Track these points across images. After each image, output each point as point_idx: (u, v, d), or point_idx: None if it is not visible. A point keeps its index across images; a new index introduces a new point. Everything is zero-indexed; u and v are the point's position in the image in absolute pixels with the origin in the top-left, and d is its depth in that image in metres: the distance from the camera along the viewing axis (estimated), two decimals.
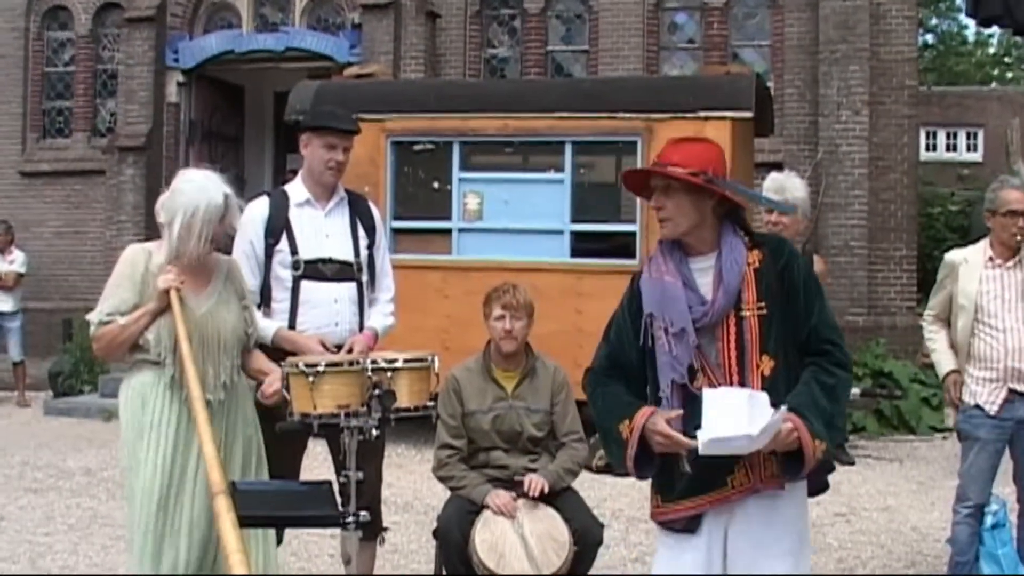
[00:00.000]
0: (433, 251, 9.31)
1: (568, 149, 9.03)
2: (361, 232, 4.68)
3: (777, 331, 3.13)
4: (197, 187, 3.95)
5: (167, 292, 3.89)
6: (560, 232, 9.01)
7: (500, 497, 4.59)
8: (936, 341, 5.25)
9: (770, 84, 12.29)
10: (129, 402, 3.99)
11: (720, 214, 3.19)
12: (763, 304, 3.12)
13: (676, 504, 3.19)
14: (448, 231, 9.30)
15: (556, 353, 5.10)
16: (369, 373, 3.80)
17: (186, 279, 3.96)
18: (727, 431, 2.92)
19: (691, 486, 3.15)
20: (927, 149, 25.81)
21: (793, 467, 3.07)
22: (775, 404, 3.00)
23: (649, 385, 3.23)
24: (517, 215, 9.10)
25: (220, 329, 4.02)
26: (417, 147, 9.46)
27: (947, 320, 5.23)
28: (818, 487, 3.27)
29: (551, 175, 9.12)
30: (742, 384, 3.09)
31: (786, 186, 5.18)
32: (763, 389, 3.07)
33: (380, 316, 4.71)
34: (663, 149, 3.20)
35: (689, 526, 3.18)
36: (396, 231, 9.30)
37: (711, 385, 3.09)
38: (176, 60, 13.97)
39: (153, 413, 3.94)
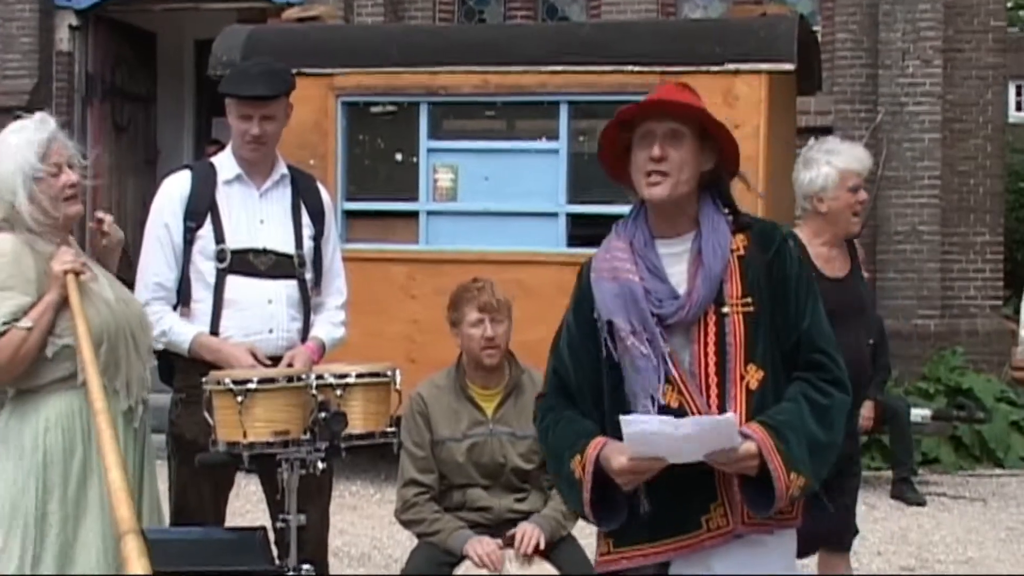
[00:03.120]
0: (396, 240, 9.35)
1: (564, 112, 9.07)
2: (305, 218, 4.72)
3: (766, 335, 3.15)
4: (22, 141, 3.92)
5: (66, 277, 3.82)
6: (554, 215, 9.06)
7: (483, 545, 4.64)
8: None
9: (817, 28, 12.31)
10: (40, 438, 3.85)
11: (703, 183, 3.23)
12: (749, 300, 3.14)
13: (631, 549, 3.15)
14: (414, 215, 9.34)
15: (544, 363, 5.16)
16: (313, 391, 3.86)
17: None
18: (652, 425, 2.97)
19: (654, 528, 3.11)
20: (1017, 108, 25.92)
21: (760, 502, 3.05)
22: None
23: (610, 410, 3.18)
24: (500, 194, 9.15)
25: (135, 320, 4.02)
26: (375, 109, 9.50)
27: None
28: (816, 539, 3.28)
29: (543, 144, 9.17)
30: (722, 401, 3.10)
31: (865, 155, 5.25)
32: (750, 407, 3.08)
33: (327, 325, 4.75)
34: (655, 91, 3.23)
35: None
36: (349, 215, 9.34)
37: (682, 400, 3.09)
38: None
39: (85, 453, 3.85)
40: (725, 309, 3.13)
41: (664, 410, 3.07)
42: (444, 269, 8.67)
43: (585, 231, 9.01)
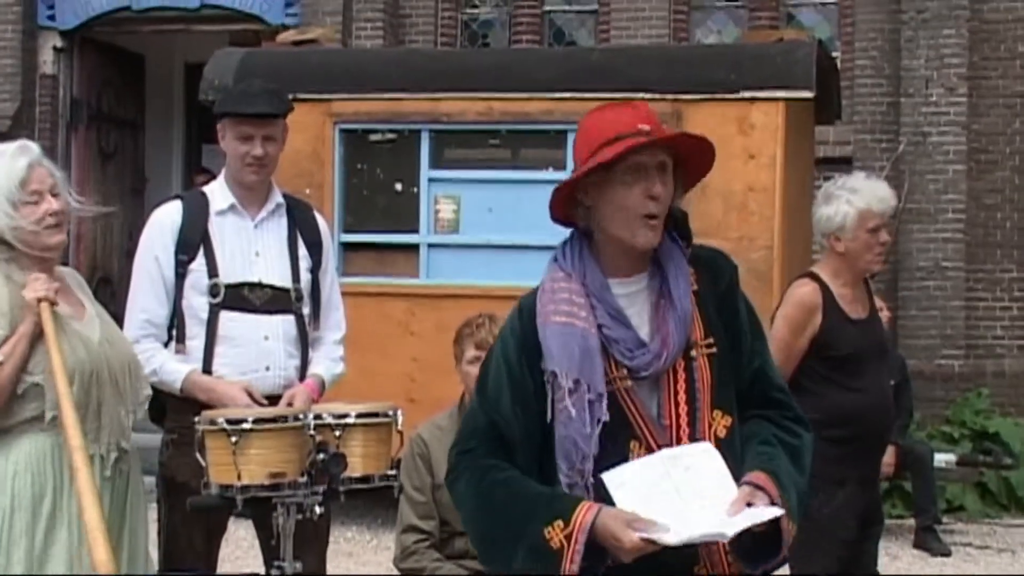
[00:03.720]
0: (395, 273, 9.37)
1: (571, 140, 9.07)
2: (302, 250, 4.74)
3: (727, 377, 3.05)
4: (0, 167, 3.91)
5: (40, 305, 3.76)
6: None
7: None
8: None
9: (836, 54, 12.41)
10: (7, 483, 3.78)
11: None
12: (711, 341, 3.04)
13: None
14: (415, 247, 9.36)
15: None
16: (311, 431, 3.87)
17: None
18: (696, 523, 2.80)
19: None
20: None
21: (762, 554, 2.95)
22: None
23: (542, 468, 3.01)
24: (504, 226, 9.17)
25: (121, 364, 3.99)
26: (374, 137, 9.53)
27: None
28: None
29: (549, 174, 9.18)
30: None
31: (889, 193, 5.26)
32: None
33: (326, 361, 4.76)
34: (609, 115, 3.02)
35: None
36: (347, 247, 9.36)
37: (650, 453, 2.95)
38: (52, 18, 14.01)
39: (55, 498, 3.80)
40: (693, 353, 3.02)
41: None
42: (445, 304, 8.69)
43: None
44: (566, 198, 3.05)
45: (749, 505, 2.88)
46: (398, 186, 9.46)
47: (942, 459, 9.66)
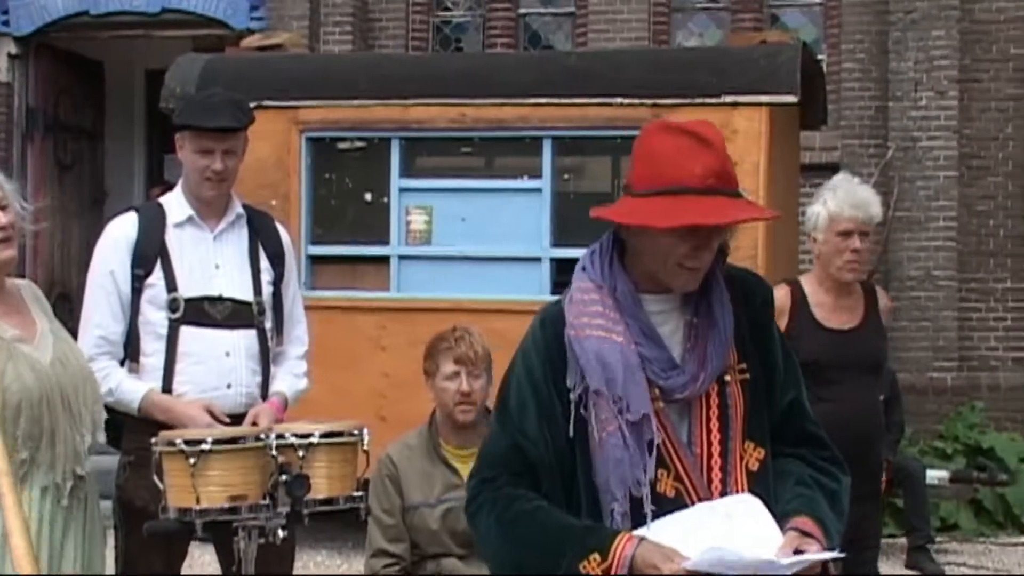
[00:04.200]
0: (365, 287, 9.36)
1: (547, 148, 9.11)
2: (264, 262, 4.75)
3: (761, 406, 2.98)
4: None
5: None
6: (537, 260, 9.07)
7: None
8: None
9: (822, 57, 12.44)
10: None
11: None
12: (744, 366, 2.97)
13: None
14: (385, 260, 9.35)
15: None
16: (273, 452, 3.85)
17: None
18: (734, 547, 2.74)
19: None
20: None
21: None
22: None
23: (582, 496, 2.93)
24: (479, 237, 9.16)
25: (75, 386, 3.98)
26: (342, 145, 9.53)
27: None
28: None
29: (524, 183, 9.20)
30: (724, 486, 2.91)
31: (868, 199, 5.27)
32: (748, 490, 2.91)
33: (289, 377, 4.77)
34: (678, 150, 2.85)
35: None
36: (314, 260, 9.35)
37: (680, 488, 2.88)
38: (7, 24, 13.97)
39: None
40: (727, 377, 2.94)
41: (658, 500, 2.86)
42: (417, 319, 8.67)
43: (571, 277, 9.01)
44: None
45: (797, 552, 2.81)
46: (368, 196, 9.45)
47: (935, 476, 9.67)
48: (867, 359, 5.19)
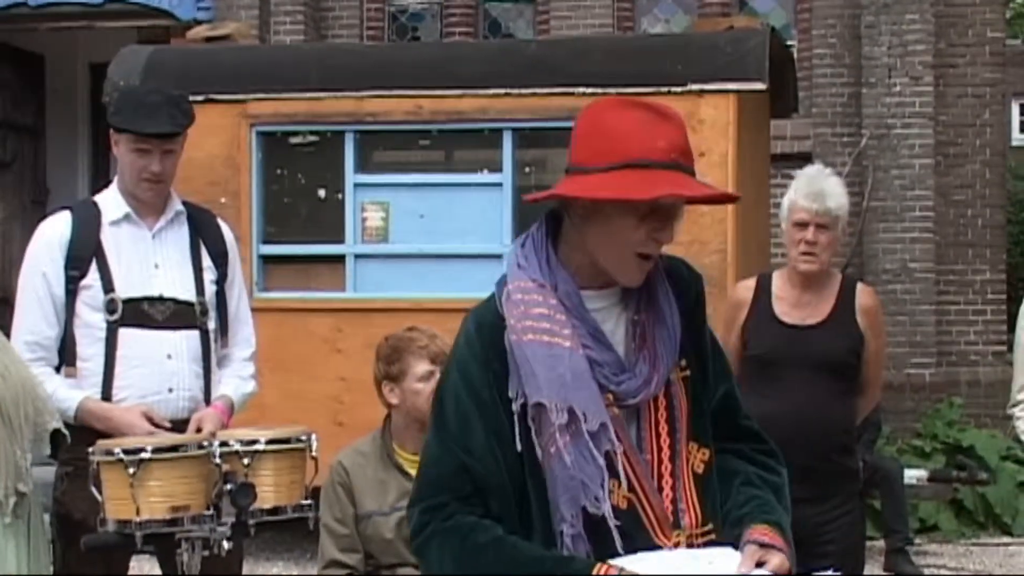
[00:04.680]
0: (320, 287, 9.34)
1: (508, 140, 9.11)
2: (206, 260, 4.73)
3: (703, 403, 2.91)
4: None
5: None
6: (498, 257, 9.03)
7: None
8: None
9: (792, 43, 12.49)
10: None
11: None
12: (684, 362, 2.88)
13: None
14: (340, 259, 9.33)
15: None
16: (217, 460, 3.84)
17: None
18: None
19: None
20: (1021, 131, 26.19)
21: None
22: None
23: (534, 515, 2.80)
24: (438, 234, 9.16)
25: (15, 397, 3.95)
26: (294, 140, 9.50)
27: None
28: None
29: (484, 177, 9.20)
30: (675, 493, 2.83)
31: (827, 190, 5.26)
32: (700, 496, 2.85)
33: (235, 380, 4.76)
34: (637, 123, 2.74)
35: None
36: (267, 260, 9.33)
37: (633, 499, 2.78)
38: None
39: None
40: (671, 376, 2.85)
41: (615, 513, 2.75)
42: (375, 320, 8.66)
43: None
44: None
45: (759, 565, 2.76)
46: (321, 193, 9.43)
47: (913, 475, 9.71)
48: (824, 358, 5.16)
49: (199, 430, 4.40)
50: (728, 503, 2.91)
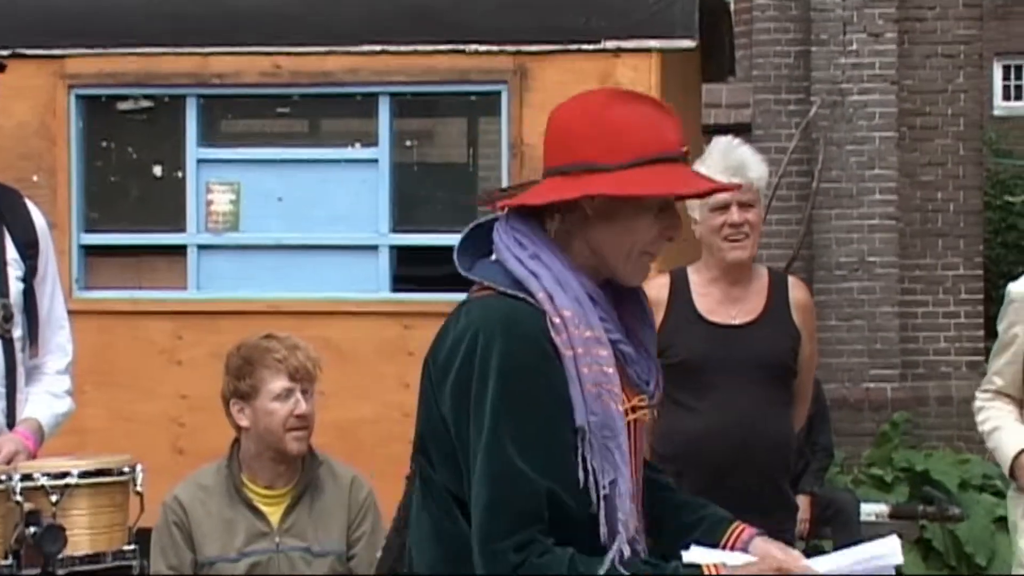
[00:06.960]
0: (156, 285, 9.28)
1: (384, 107, 9.09)
2: (11, 251, 4.71)
3: None
4: None
5: None
6: (373, 249, 9.06)
7: None
8: (995, 416, 5.47)
9: None
10: None
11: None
12: None
13: None
14: (181, 250, 9.27)
15: (364, 455, 5.14)
16: (18, 497, 3.79)
17: None
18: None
19: None
20: (1004, 97, 26.55)
21: None
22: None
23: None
24: (299, 222, 9.13)
25: None
26: (123, 106, 9.44)
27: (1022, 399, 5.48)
28: None
29: (355, 151, 9.18)
30: (642, 503, 3.17)
31: (745, 161, 5.32)
32: (643, 505, 3.18)
33: (46, 398, 4.72)
34: (646, 118, 3.16)
35: None
36: (89, 251, 9.23)
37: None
38: None
39: None
40: None
41: None
42: (223, 325, 8.63)
43: (416, 270, 9.03)
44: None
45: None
46: (157, 170, 9.37)
47: (871, 511, 9.78)
48: (761, 361, 5.20)
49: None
50: (669, 509, 3.29)
